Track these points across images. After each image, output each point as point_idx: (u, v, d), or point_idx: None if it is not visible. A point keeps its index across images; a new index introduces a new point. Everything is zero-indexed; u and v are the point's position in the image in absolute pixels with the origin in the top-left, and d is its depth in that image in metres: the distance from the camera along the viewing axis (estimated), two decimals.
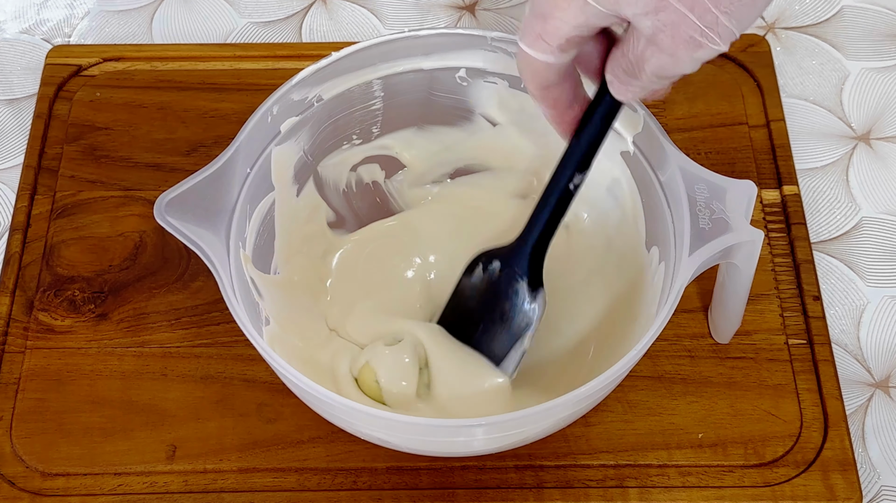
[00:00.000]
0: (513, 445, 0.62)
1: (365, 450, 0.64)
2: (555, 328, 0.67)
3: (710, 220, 0.58)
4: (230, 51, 0.80)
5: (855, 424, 0.68)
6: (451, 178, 0.72)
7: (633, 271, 0.66)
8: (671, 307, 0.56)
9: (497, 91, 0.68)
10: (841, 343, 0.70)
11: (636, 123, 0.63)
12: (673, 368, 0.67)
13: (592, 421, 0.65)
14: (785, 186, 0.74)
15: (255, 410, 0.66)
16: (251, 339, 0.57)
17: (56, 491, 0.64)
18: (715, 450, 0.65)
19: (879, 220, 0.75)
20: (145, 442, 0.65)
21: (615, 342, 0.64)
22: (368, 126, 0.69)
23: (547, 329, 0.67)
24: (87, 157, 0.76)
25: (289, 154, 0.66)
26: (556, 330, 0.67)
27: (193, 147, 0.76)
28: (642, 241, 0.65)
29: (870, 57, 0.83)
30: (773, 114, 0.77)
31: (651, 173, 0.63)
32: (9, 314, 0.69)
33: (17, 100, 0.81)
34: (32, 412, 0.66)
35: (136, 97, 0.78)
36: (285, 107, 0.64)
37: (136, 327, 0.69)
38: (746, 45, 0.80)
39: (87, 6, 0.86)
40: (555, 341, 0.67)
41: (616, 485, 0.64)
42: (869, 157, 0.78)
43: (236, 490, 0.64)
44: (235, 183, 0.61)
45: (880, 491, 0.66)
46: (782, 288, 0.70)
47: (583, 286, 0.69)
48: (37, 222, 0.73)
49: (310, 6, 0.86)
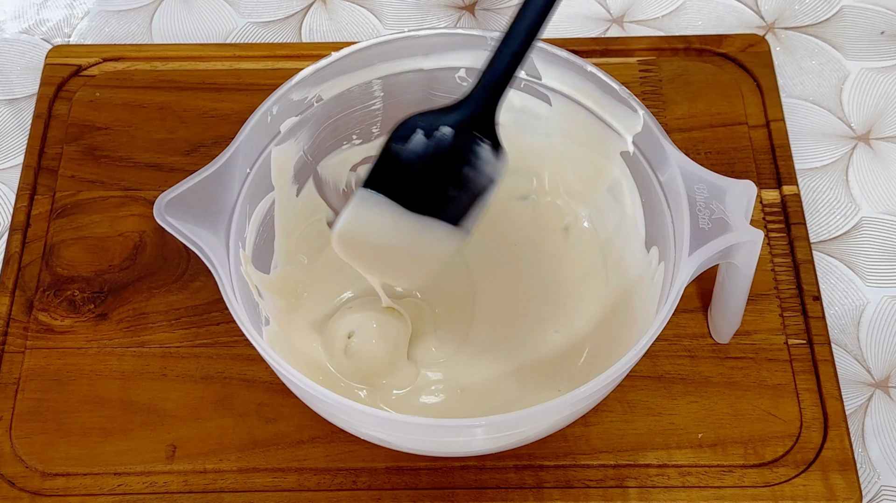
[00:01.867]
0: (513, 445, 0.62)
1: (365, 450, 0.64)
2: (554, 327, 0.67)
3: (710, 220, 0.58)
4: (230, 51, 0.80)
5: (855, 424, 0.68)
6: None
7: (632, 271, 0.66)
8: (671, 307, 0.56)
9: None
10: (841, 343, 0.70)
11: (636, 124, 0.63)
12: (673, 368, 0.67)
13: (592, 421, 0.65)
14: (785, 186, 0.74)
15: (255, 410, 0.66)
16: (251, 339, 0.57)
17: (56, 491, 0.64)
18: (715, 450, 0.65)
19: (879, 220, 0.75)
20: (145, 442, 0.65)
21: (615, 342, 0.64)
22: (368, 126, 0.69)
23: (546, 328, 0.67)
24: (87, 157, 0.76)
25: (288, 154, 0.66)
26: (555, 329, 0.67)
27: (193, 147, 0.76)
28: (642, 241, 0.65)
29: (870, 57, 0.83)
30: (772, 114, 0.77)
31: (651, 173, 0.63)
32: (8, 314, 0.69)
33: (17, 100, 0.81)
34: (32, 412, 0.66)
35: (135, 97, 0.78)
36: (285, 107, 0.64)
37: (135, 327, 0.69)
38: (746, 45, 0.80)
39: (86, 6, 0.86)
40: (554, 341, 0.67)
41: (616, 485, 0.64)
42: (869, 157, 0.78)
43: (236, 490, 0.64)
44: (235, 183, 0.61)
45: (880, 491, 0.66)
46: (782, 288, 0.70)
47: (582, 286, 0.69)
48: (36, 222, 0.73)
49: (309, 6, 0.86)
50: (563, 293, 0.69)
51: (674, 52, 0.80)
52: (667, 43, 0.80)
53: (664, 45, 0.80)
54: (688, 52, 0.80)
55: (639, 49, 0.80)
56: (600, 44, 0.80)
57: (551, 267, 0.70)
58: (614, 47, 0.80)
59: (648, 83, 0.78)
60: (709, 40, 0.80)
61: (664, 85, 0.78)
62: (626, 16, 0.85)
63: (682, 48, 0.80)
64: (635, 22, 0.84)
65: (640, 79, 0.78)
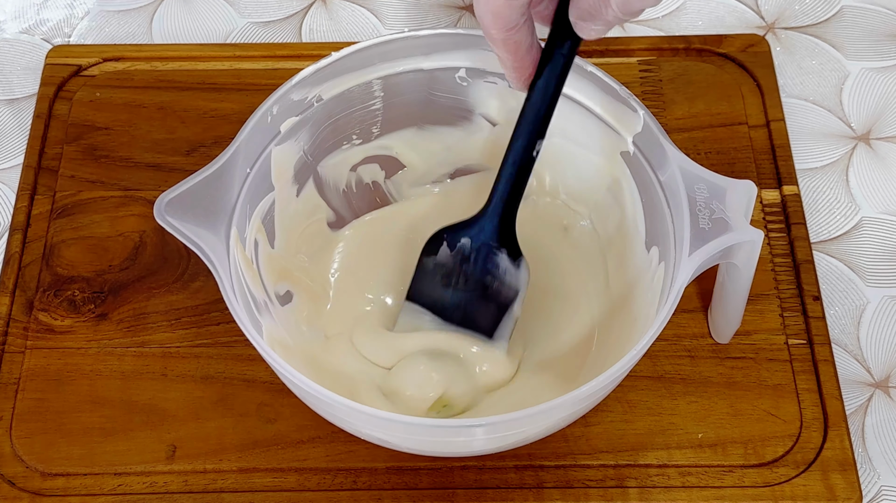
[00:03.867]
0: (513, 445, 0.62)
1: (365, 450, 0.64)
2: (554, 328, 0.67)
3: (710, 219, 0.58)
4: (230, 51, 0.80)
5: (855, 424, 0.68)
6: (452, 178, 0.72)
7: (632, 271, 0.66)
8: (671, 307, 0.56)
9: (497, 91, 0.68)
10: (841, 343, 0.70)
11: (636, 124, 0.63)
12: (673, 368, 0.67)
13: (592, 421, 0.65)
14: (785, 186, 0.74)
15: (255, 410, 0.66)
16: (251, 339, 0.57)
17: (56, 491, 0.64)
18: (715, 450, 0.65)
19: (879, 220, 0.75)
20: (145, 442, 0.65)
21: (615, 342, 0.64)
22: (368, 126, 0.69)
23: (546, 329, 0.67)
24: (87, 157, 0.76)
25: (289, 154, 0.66)
26: (555, 330, 0.67)
27: (193, 147, 0.76)
28: (642, 241, 0.65)
29: (870, 57, 0.83)
30: (772, 114, 0.77)
31: (651, 173, 0.63)
32: (9, 314, 0.69)
33: (17, 100, 0.81)
34: (32, 412, 0.66)
35: (136, 97, 0.78)
36: (285, 107, 0.64)
37: (135, 327, 0.69)
38: (746, 45, 0.80)
39: (87, 6, 0.86)
40: (554, 341, 0.67)
41: (616, 485, 0.64)
42: (869, 157, 0.78)
43: (236, 490, 0.64)
44: (235, 183, 0.61)
45: (880, 491, 0.66)
46: (782, 288, 0.70)
47: (582, 286, 0.69)
48: (37, 222, 0.73)
49: (310, 6, 0.86)
50: (562, 293, 0.69)
51: (674, 52, 0.80)
52: (667, 43, 0.80)
53: (664, 45, 0.80)
54: (688, 52, 0.80)
55: (639, 49, 0.80)
56: (600, 44, 0.80)
57: (551, 267, 0.70)
58: (614, 47, 0.80)
59: (649, 83, 0.78)
60: (709, 40, 0.80)
61: (664, 85, 0.78)
62: None
63: (683, 48, 0.80)
64: (635, 22, 0.84)
65: (641, 79, 0.78)
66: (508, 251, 0.64)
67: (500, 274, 0.64)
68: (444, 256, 0.65)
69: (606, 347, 0.65)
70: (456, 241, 0.64)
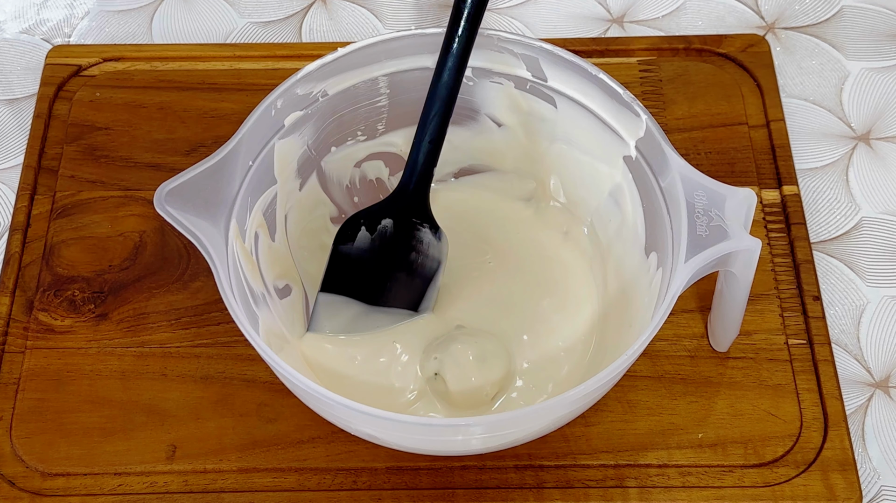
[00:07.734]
0: (511, 444, 0.62)
1: (365, 450, 0.64)
2: (553, 330, 0.67)
3: (708, 227, 0.58)
4: (230, 51, 0.80)
5: (855, 424, 0.68)
6: (456, 178, 0.72)
7: (631, 276, 0.66)
8: (664, 313, 0.56)
9: (503, 91, 0.68)
10: (841, 343, 0.70)
11: (639, 128, 0.63)
12: (673, 368, 0.67)
13: (592, 421, 0.65)
14: (785, 186, 0.74)
15: (255, 410, 0.66)
16: (250, 339, 0.57)
17: (56, 491, 0.64)
18: (715, 450, 0.65)
19: (879, 220, 0.75)
20: (145, 442, 0.65)
21: (612, 345, 0.64)
22: (373, 123, 0.69)
23: (546, 330, 0.67)
24: (87, 157, 0.76)
25: (292, 148, 0.66)
26: (554, 332, 0.67)
27: (193, 147, 0.76)
28: (642, 245, 0.65)
29: (870, 57, 0.83)
30: (772, 114, 0.77)
31: (652, 179, 0.63)
32: (9, 314, 0.69)
33: (17, 100, 0.81)
34: (32, 412, 0.66)
35: (136, 97, 0.78)
36: (289, 101, 0.64)
37: (135, 327, 0.69)
38: (746, 45, 0.80)
39: (87, 6, 0.86)
40: (553, 343, 0.67)
41: (616, 485, 0.64)
42: (869, 157, 0.78)
43: (236, 490, 0.64)
44: (237, 175, 0.61)
45: (880, 491, 0.66)
46: (782, 288, 0.70)
47: (582, 288, 0.69)
48: (37, 222, 0.73)
49: (310, 6, 0.86)
50: (562, 296, 0.69)
51: (674, 52, 0.80)
52: (667, 43, 0.80)
53: (664, 45, 0.80)
54: (688, 52, 0.80)
55: (639, 49, 0.80)
56: (600, 44, 0.80)
57: (551, 270, 0.70)
58: (614, 47, 0.80)
59: (648, 83, 0.78)
60: (709, 40, 0.80)
61: (664, 85, 0.78)
62: (626, 16, 0.85)
63: (683, 48, 0.80)
64: (635, 22, 0.84)
65: (641, 79, 0.78)
66: (430, 225, 0.66)
67: (424, 248, 0.66)
68: (363, 241, 0.66)
69: (604, 350, 0.65)
70: (376, 223, 0.66)
